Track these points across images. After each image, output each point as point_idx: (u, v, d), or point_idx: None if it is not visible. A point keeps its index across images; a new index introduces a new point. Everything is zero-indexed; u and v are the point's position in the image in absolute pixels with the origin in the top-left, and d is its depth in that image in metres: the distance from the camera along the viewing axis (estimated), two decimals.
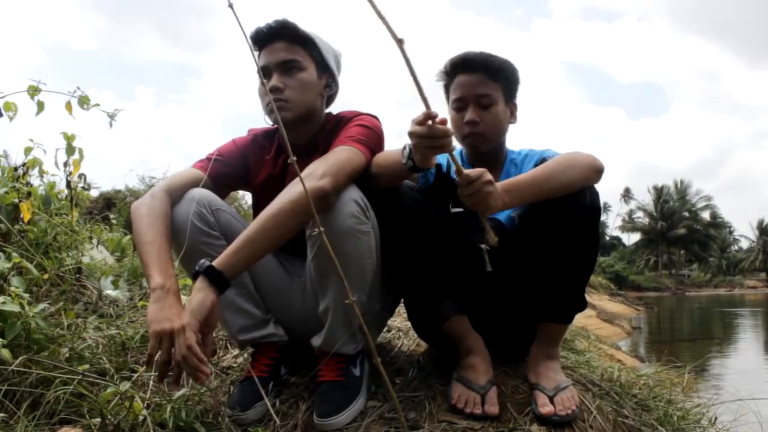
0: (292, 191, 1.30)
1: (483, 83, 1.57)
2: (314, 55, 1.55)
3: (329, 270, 1.36)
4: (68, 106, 2.11)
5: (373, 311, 1.52)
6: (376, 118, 1.55)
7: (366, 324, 1.47)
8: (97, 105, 2.16)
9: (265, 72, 1.53)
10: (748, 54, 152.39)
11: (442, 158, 1.64)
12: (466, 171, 1.24)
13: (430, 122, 1.17)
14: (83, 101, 2.12)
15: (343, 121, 1.55)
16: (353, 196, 1.33)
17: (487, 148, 1.55)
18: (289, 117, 1.50)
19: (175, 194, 1.46)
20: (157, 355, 1.20)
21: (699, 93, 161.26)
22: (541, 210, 1.43)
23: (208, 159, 1.59)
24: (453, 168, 1.63)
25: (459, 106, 1.59)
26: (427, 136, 1.19)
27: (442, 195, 1.60)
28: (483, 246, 1.43)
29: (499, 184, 1.29)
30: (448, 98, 1.64)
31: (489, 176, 1.25)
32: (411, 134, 1.22)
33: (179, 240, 1.43)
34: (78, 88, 2.12)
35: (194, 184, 1.51)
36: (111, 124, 2.21)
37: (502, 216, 1.58)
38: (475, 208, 1.28)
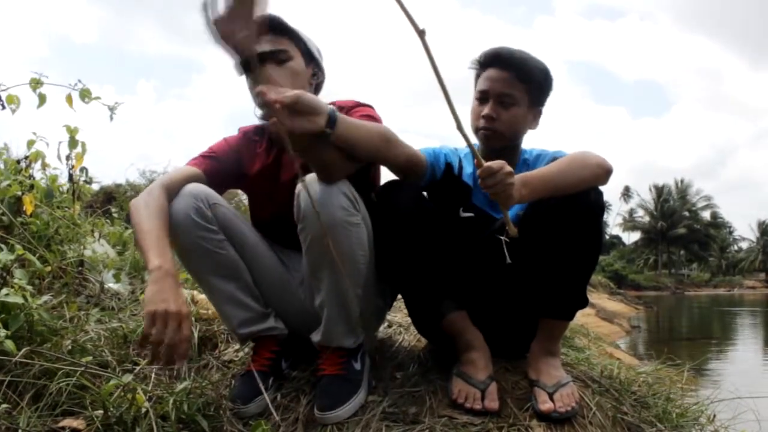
0: None
1: (509, 83, 1.54)
2: (300, 46, 1.58)
3: (323, 264, 1.37)
4: (69, 99, 2.11)
5: (370, 304, 1.53)
6: (372, 108, 1.56)
7: (364, 317, 1.47)
8: (98, 98, 2.16)
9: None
10: (751, 54, 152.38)
11: (452, 159, 1.64)
12: (488, 163, 1.25)
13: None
14: (84, 94, 2.12)
15: (342, 110, 1.56)
16: (342, 188, 1.34)
17: (499, 146, 1.55)
18: None
19: (173, 190, 1.47)
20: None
21: (701, 92, 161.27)
22: (545, 207, 1.44)
23: (202, 156, 1.60)
24: (465, 170, 1.63)
25: (481, 98, 1.58)
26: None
27: (452, 198, 1.60)
28: (503, 238, 1.43)
29: (517, 177, 1.30)
30: (475, 87, 1.62)
31: (509, 168, 1.27)
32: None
33: (177, 234, 1.44)
34: (79, 80, 2.12)
35: (191, 180, 1.51)
36: (111, 118, 2.21)
37: (510, 213, 1.58)
38: (495, 198, 1.29)
